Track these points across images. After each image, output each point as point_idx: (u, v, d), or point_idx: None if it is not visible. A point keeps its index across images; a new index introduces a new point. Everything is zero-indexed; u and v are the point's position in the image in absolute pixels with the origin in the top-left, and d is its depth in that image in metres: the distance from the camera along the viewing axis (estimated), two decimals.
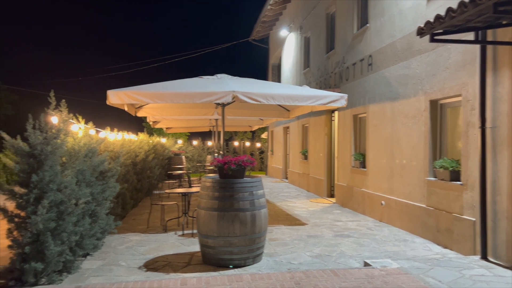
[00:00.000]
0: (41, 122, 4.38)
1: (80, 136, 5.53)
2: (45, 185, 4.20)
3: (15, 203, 4.25)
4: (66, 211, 4.40)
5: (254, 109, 10.10)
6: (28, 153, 4.24)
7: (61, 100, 4.90)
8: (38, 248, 4.13)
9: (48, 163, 4.28)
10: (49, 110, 4.65)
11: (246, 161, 5.10)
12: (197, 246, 5.73)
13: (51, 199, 4.21)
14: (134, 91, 6.32)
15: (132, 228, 7.24)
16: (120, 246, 5.94)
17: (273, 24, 18.58)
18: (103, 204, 5.47)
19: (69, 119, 4.98)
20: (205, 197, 5.04)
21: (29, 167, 4.23)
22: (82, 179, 5.08)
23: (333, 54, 10.91)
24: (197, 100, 6.58)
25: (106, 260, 5.17)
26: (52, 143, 4.34)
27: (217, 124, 13.04)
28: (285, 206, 9.75)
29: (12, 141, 4.26)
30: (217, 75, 7.75)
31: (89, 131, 6.60)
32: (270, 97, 6.58)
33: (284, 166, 17.53)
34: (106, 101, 6.37)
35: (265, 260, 5.15)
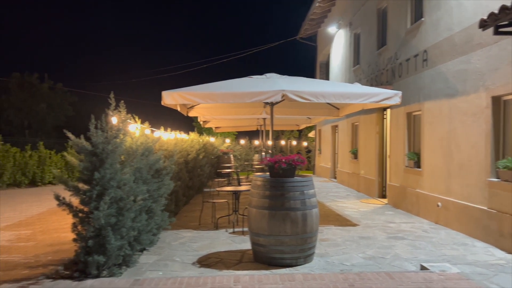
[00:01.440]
0: (103, 122, 4.61)
1: (137, 136, 5.76)
2: (106, 182, 4.42)
3: (79, 199, 4.51)
4: (125, 207, 4.61)
5: (302, 108, 10.04)
6: (90, 151, 4.49)
7: (120, 101, 5.13)
8: (100, 242, 4.36)
9: (109, 161, 4.50)
10: (109, 110, 4.89)
11: (296, 160, 5.07)
12: (248, 244, 5.79)
13: (112, 196, 4.43)
14: (187, 92, 6.49)
15: (184, 224, 7.45)
16: (174, 242, 6.13)
17: (321, 21, 18.34)
18: (158, 201, 5.66)
19: (127, 119, 5.20)
20: (255, 196, 5.07)
21: (91, 165, 4.47)
22: (139, 176, 5.29)
23: (385, 50, 10.58)
24: (247, 100, 6.64)
25: (162, 255, 5.36)
26: (113, 142, 4.56)
27: (265, 123, 13.10)
28: (334, 206, 9.61)
29: (76, 141, 4.53)
30: (266, 75, 7.78)
31: (145, 130, 6.86)
32: (320, 95, 6.50)
33: (333, 165, 17.27)
34: (161, 102, 6.60)
35: (317, 261, 5.10)
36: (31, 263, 4.98)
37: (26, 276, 4.43)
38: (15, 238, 6.43)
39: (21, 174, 14.69)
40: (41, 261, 5.07)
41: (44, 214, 8.85)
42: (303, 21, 18.73)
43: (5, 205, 10.24)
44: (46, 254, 5.41)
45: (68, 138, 4.58)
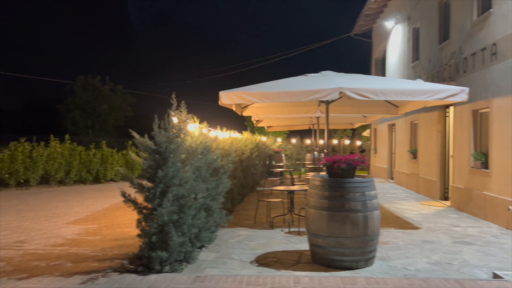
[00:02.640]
0: (166, 122, 4.75)
1: (197, 135, 5.89)
2: (169, 180, 4.55)
3: (143, 196, 4.68)
4: (186, 204, 4.71)
5: (358, 106, 9.77)
6: (154, 150, 4.64)
7: (181, 102, 5.26)
8: (163, 238, 4.49)
9: (171, 159, 4.63)
10: (171, 110, 5.02)
11: (357, 160, 4.93)
12: (304, 244, 5.73)
13: (174, 193, 4.55)
14: (243, 92, 6.54)
15: (240, 222, 7.51)
16: (231, 240, 6.20)
17: (377, 16, 17.76)
18: (217, 199, 5.75)
19: (187, 119, 5.33)
20: (314, 196, 4.99)
21: (155, 163, 4.62)
22: (199, 175, 5.39)
23: (448, 44, 10.02)
24: (304, 98, 6.56)
25: (220, 253, 5.43)
26: (175, 141, 4.68)
27: (318, 122, 12.91)
28: (393, 208, 9.25)
29: (141, 140, 4.70)
30: (321, 72, 7.65)
31: (203, 130, 7.00)
32: (380, 93, 6.28)
33: (389, 165, 16.67)
34: (218, 102, 6.70)
35: (378, 264, 4.92)
36: (98, 256, 5.25)
37: (95, 269, 4.66)
38: (84, 232, 6.81)
39: (86, 171, 15.59)
40: (108, 254, 5.32)
41: (108, 209, 9.32)
42: (357, 17, 18.26)
43: (73, 200, 10.91)
44: (112, 248, 5.67)
45: (133, 137, 4.77)
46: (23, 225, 7.42)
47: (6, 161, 13.27)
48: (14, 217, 8.19)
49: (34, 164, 13.88)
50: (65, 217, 8.20)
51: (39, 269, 4.69)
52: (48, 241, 6.13)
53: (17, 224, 7.46)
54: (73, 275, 4.42)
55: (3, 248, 5.71)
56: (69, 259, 5.12)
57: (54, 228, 7.12)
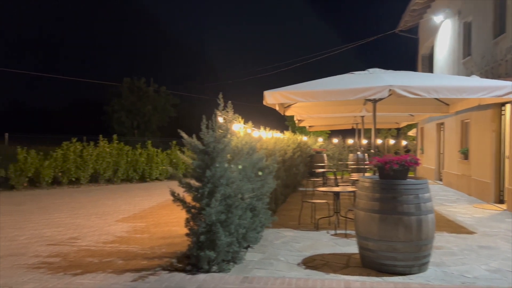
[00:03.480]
0: (213, 122, 4.77)
1: (242, 135, 5.88)
2: (217, 180, 4.56)
3: (192, 196, 4.71)
4: (233, 204, 4.71)
5: (406, 105, 9.41)
6: (202, 150, 4.67)
7: (228, 102, 5.27)
8: (211, 237, 4.50)
9: (219, 159, 4.63)
10: (218, 111, 5.04)
11: (409, 161, 4.71)
12: (352, 247, 5.57)
13: (222, 193, 4.56)
14: (288, 91, 6.46)
15: (284, 223, 7.44)
16: (276, 240, 6.14)
17: (424, 11, 17.07)
18: (262, 199, 5.71)
19: (234, 120, 5.32)
20: (364, 198, 4.83)
21: (203, 163, 4.65)
22: (244, 175, 5.38)
23: (503, 38, 9.44)
24: (351, 97, 6.39)
25: (266, 254, 5.38)
26: (222, 142, 4.69)
27: (363, 121, 12.58)
28: (444, 211, 8.83)
29: (189, 140, 4.75)
30: (368, 70, 7.43)
31: (247, 130, 6.99)
32: (433, 90, 6.00)
33: (437, 166, 15.99)
34: (263, 101, 6.66)
35: (432, 270, 4.69)
36: (147, 254, 5.36)
37: (145, 267, 4.76)
38: (132, 230, 7.00)
39: (133, 170, 16.10)
40: (156, 253, 5.42)
41: (154, 208, 9.55)
42: (402, 13, 17.64)
43: (121, 198, 11.28)
44: (160, 246, 5.77)
45: (177, 137, 4.82)
46: (76, 222, 7.74)
47: (59, 160, 13.95)
48: (67, 214, 8.57)
49: (85, 163, 14.50)
50: (114, 215, 8.47)
51: (92, 265, 4.85)
52: (100, 238, 6.34)
53: (70, 221, 7.80)
54: (124, 272, 4.53)
55: (58, 244, 5.97)
56: (119, 256, 5.26)
57: (105, 225, 7.37)
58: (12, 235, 6.50)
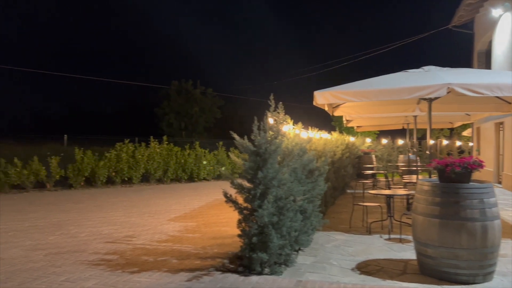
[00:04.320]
0: (264, 124, 4.75)
1: (292, 136, 5.82)
2: (269, 182, 4.53)
3: (243, 197, 4.71)
4: (285, 206, 4.66)
5: (463, 103, 8.93)
6: (254, 151, 4.66)
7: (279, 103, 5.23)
8: (263, 239, 4.48)
9: (270, 161, 4.60)
10: (268, 112, 5.01)
11: (473, 163, 4.44)
12: (408, 253, 5.34)
13: (274, 195, 4.52)
14: (339, 91, 6.32)
15: (334, 226, 7.28)
16: (327, 244, 6.02)
17: (480, 5, 16.14)
18: (313, 201, 5.62)
19: (284, 121, 5.27)
20: (422, 202, 4.60)
21: (255, 165, 4.63)
22: (295, 176, 5.31)
23: None
24: (405, 96, 6.16)
25: (318, 257, 5.29)
26: (274, 143, 4.66)
27: (415, 121, 12.08)
28: (506, 216, 8.28)
29: (241, 141, 4.75)
30: (423, 68, 7.13)
31: (296, 130, 6.91)
32: (496, 88, 5.65)
33: (496, 168, 15.05)
34: (313, 102, 6.56)
35: (498, 280, 4.38)
36: (200, 254, 5.43)
37: (198, 267, 4.82)
38: (184, 229, 7.14)
39: (182, 170, 16.51)
40: (209, 253, 5.48)
41: (203, 208, 9.71)
42: (457, 8, 16.79)
43: (171, 198, 11.58)
44: (212, 246, 5.84)
45: (222, 138, 4.84)
46: (130, 220, 8.02)
47: (113, 161, 14.57)
48: (122, 213, 8.91)
49: (137, 163, 15.05)
50: (166, 214, 8.70)
51: (148, 263, 4.99)
52: (153, 236, 6.52)
53: (125, 219, 8.09)
54: (179, 272, 4.61)
55: (115, 241, 6.20)
56: (173, 255, 5.37)
57: (157, 224, 7.58)
58: (73, 232, 6.85)
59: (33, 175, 12.81)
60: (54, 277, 4.48)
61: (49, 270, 4.73)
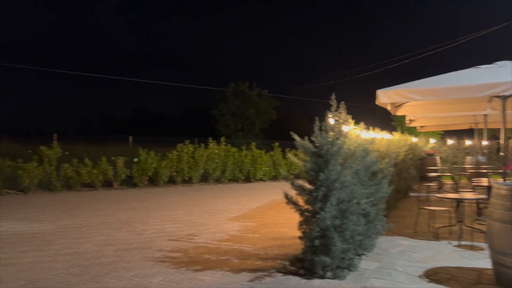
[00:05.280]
0: (326, 124, 4.67)
1: (354, 137, 5.66)
2: (331, 183, 4.44)
3: (304, 199, 4.66)
4: (348, 209, 4.54)
5: None
6: (315, 152, 4.59)
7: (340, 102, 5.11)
8: (325, 242, 4.39)
9: (332, 162, 4.51)
10: (330, 112, 4.91)
11: None
12: (482, 262, 4.99)
13: (336, 197, 4.42)
14: (405, 89, 6.07)
15: (398, 231, 6.98)
16: (392, 249, 5.78)
17: None
18: (376, 205, 5.42)
19: (346, 121, 5.14)
20: (500, 207, 4.27)
21: (316, 166, 4.56)
22: (357, 179, 5.16)
23: None
24: (477, 94, 5.79)
25: (382, 263, 5.09)
26: (336, 144, 4.56)
27: (485, 121, 11.30)
28: None
29: (302, 142, 4.70)
30: (497, 63, 6.66)
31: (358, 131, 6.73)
32: None
33: None
34: (376, 101, 6.35)
35: None
36: (261, 255, 5.45)
37: (260, 267, 4.83)
38: (243, 229, 7.22)
39: (239, 171, 16.75)
40: (269, 254, 5.49)
41: (261, 208, 9.76)
42: None
43: (229, 197, 11.77)
44: (272, 247, 5.84)
45: (289, 140, 4.80)
46: (191, 219, 8.25)
47: (174, 161, 15.12)
48: (183, 211, 9.20)
49: (196, 163, 15.50)
50: (225, 214, 8.85)
51: (210, 262, 5.09)
52: (214, 235, 6.66)
53: (187, 218, 8.34)
54: (241, 272, 4.65)
55: (178, 239, 6.40)
56: (234, 255, 5.44)
57: (217, 223, 7.73)
58: (139, 229, 7.18)
59: (101, 174, 13.63)
60: (123, 272, 4.72)
61: (119, 265, 4.99)
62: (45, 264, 5.01)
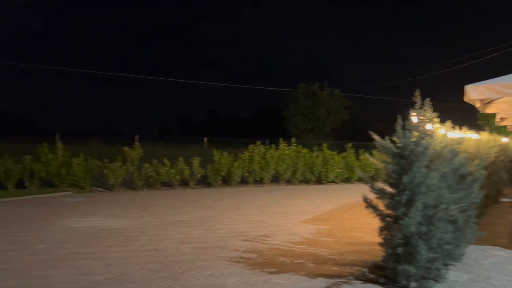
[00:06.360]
0: (409, 123, 4.35)
1: (440, 137, 5.23)
2: (415, 187, 4.12)
3: (385, 203, 4.38)
4: (434, 215, 4.18)
5: None
6: (398, 153, 4.29)
7: (425, 99, 4.74)
8: (409, 250, 4.09)
9: (417, 164, 4.18)
10: (414, 110, 4.57)
11: None
12: None
13: (422, 202, 4.09)
14: (498, 83, 5.51)
15: (489, 240, 6.32)
16: (483, 260, 5.26)
17: None
18: (466, 211, 4.95)
19: (432, 119, 4.75)
20: None
21: (399, 168, 4.27)
22: (444, 182, 4.75)
23: None
24: None
25: (473, 275, 4.64)
26: (421, 144, 4.23)
27: None
28: None
29: (382, 142, 4.43)
30: None
31: (441, 130, 6.22)
32: None
33: None
34: (464, 98, 5.84)
35: None
36: (337, 260, 5.24)
37: (336, 273, 4.64)
38: (317, 232, 7.03)
39: (309, 172, 16.50)
40: (346, 259, 5.26)
41: (335, 211, 9.47)
42: None
43: (301, 199, 11.61)
44: (349, 253, 5.59)
45: (374, 140, 4.54)
46: (264, 219, 8.24)
47: (246, 162, 15.31)
48: (256, 212, 9.23)
49: (267, 164, 15.55)
50: (297, 215, 8.72)
51: (285, 265, 5.00)
52: (288, 238, 6.56)
53: (259, 219, 8.35)
54: (317, 277, 4.50)
55: (252, 240, 6.41)
56: (309, 259, 5.29)
57: (291, 225, 7.62)
58: (214, 228, 7.31)
59: (179, 174, 14.21)
60: (200, 270, 4.80)
61: (196, 263, 5.09)
62: (128, 259, 5.28)
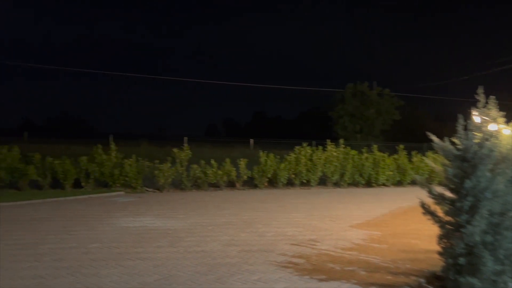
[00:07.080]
0: (472, 124, 4.02)
1: (506, 138, 4.80)
2: (479, 193, 3.79)
3: (445, 209, 4.07)
4: (501, 224, 3.81)
5: None
6: (459, 156, 3.97)
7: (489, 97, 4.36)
8: (472, 261, 3.76)
9: (481, 168, 3.84)
10: (476, 109, 4.23)
11: None
12: None
13: (487, 209, 3.75)
14: None
15: None
16: None
17: None
18: None
19: (496, 119, 4.37)
20: None
21: (460, 172, 3.94)
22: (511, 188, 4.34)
23: None
24: None
25: None
26: (485, 146, 3.88)
27: None
28: None
29: (441, 144, 4.12)
30: None
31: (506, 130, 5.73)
32: None
33: None
34: None
35: None
36: (390, 268, 4.96)
37: (391, 283, 4.38)
38: (368, 238, 6.74)
39: (359, 175, 16.01)
40: (400, 268, 4.97)
41: (386, 216, 9.07)
42: None
43: (350, 203, 11.26)
44: (403, 261, 5.28)
45: (432, 141, 4.24)
46: (312, 223, 8.04)
47: (292, 163, 15.13)
48: (303, 215, 9.04)
49: (314, 166, 15.28)
50: (347, 220, 8.42)
51: (335, 272, 4.80)
52: (337, 243, 6.32)
53: (307, 222, 8.16)
54: (370, 286, 4.28)
55: (299, 244, 6.24)
56: (360, 266, 5.05)
57: (339, 230, 7.37)
58: (261, 231, 7.22)
59: (225, 175, 14.31)
60: (247, 275, 4.72)
61: (243, 267, 5.01)
62: (176, 260, 5.30)
